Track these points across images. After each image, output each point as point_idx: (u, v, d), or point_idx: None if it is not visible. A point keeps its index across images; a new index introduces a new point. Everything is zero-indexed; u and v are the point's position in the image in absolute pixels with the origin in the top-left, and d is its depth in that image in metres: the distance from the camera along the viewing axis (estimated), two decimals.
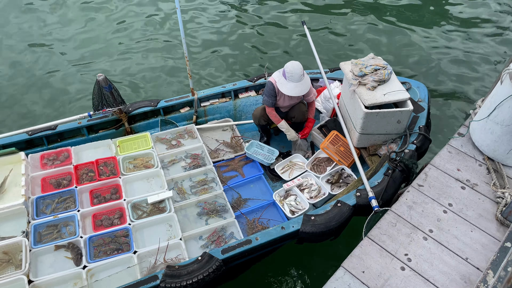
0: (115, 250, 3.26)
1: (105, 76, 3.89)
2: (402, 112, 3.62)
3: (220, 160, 4.25)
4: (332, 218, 3.21)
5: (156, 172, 3.89)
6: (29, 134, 4.08)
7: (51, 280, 3.00)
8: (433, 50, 6.57)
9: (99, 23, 7.28)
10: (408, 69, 6.25)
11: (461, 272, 2.71)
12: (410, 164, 3.46)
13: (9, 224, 3.39)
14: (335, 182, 3.89)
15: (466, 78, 6.07)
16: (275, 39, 6.89)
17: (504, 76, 3.07)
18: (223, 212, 3.67)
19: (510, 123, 3.07)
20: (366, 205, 3.29)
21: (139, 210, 3.60)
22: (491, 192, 3.23)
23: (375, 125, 3.70)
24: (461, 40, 6.76)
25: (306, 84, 3.81)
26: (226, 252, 3.07)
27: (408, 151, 3.61)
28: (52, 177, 3.77)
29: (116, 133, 4.38)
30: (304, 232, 3.18)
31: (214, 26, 7.18)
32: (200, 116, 4.66)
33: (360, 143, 3.90)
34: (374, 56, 3.99)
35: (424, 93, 4.23)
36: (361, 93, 3.67)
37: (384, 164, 3.60)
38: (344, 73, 3.91)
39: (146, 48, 6.76)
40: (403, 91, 3.68)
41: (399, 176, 3.47)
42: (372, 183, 3.44)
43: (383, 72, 3.73)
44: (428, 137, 3.82)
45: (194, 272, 2.93)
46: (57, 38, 6.92)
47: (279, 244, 3.33)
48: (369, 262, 2.76)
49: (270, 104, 4.02)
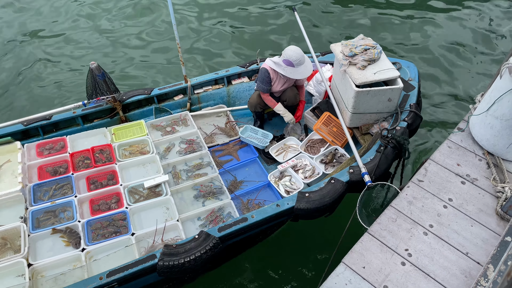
0: (113, 233, 3.30)
1: (98, 64, 3.92)
2: (392, 90, 3.67)
3: (215, 145, 4.29)
4: (326, 194, 3.26)
5: (151, 158, 3.93)
6: (24, 124, 4.10)
7: (51, 263, 3.04)
8: (437, 43, 6.56)
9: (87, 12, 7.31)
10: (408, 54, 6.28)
11: (461, 267, 2.70)
12: (402, 140, 3.51)
13: (7, 211, 3.41)
14: (329, 162, 3.94)
15: (466, 74, 6.07)
16: (265, 26, 6.92)
17: (503, 70, 3.04)
18: (219, 194, 3.71)
19: (509, 118, 3.05)
20: (359, 181, 3.34)
21: (136, 194, 3.64)
22: (491, 186, 3.20)
23: (366, 104, 3.75)
24: (466, 33, 6.76)
25: (309, 66, 3.98)
26: (222, 230, 3.12)
27: (399, 128, 3.66)
28: (49, 165, 3.80)
29: (111, 122, 4.40)
30: (299, 209, 3.23)
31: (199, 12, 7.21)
32: (194, 103, 4.69)
33: (353, 122, 3.95)
34: (364, 37, 4.04)
35: (414, 72, 4.28)
36: (352, 72, 3.72)
37: (376, 141, 3.66)
38: (335, 54, 3.95)
39: (136, 35, 6.80)
40: (393, 70, 3.73)
41: (391, 152, 3.52)
42: (365, 160, 3.49)
43: (373, 52, 3.78)
44: (419, 114, 3.87)
45: (191, 250, 2.98)
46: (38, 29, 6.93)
47: (275, 222, 3.38)
48: (370, 258, 2.75)
49: (266, 90, 4.07)
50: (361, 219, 3.12)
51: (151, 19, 7.15)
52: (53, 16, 7.31)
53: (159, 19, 7.13)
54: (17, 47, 6.67)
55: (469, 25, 6.89)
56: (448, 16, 7.11)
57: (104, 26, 7.04)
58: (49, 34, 6.90)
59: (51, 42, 6.75)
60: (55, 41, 6.76)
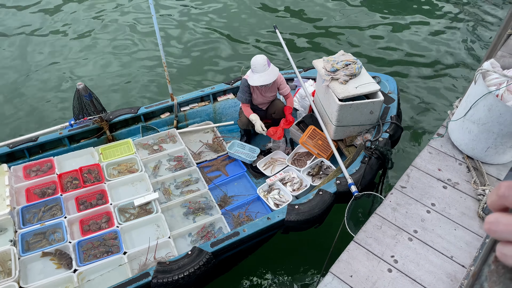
0: (105, 253, 3.30)
1: (85, 85, 3.95)
2: (374, 103, 3.83)
3: (204, 161, 4.34)
4: (315, 205, 3.35)
5: (140, 176, 3.95)
6: (10, 147, 4.07)
7: (42, 285, 3.01)
8: (415, 51, 6.81)
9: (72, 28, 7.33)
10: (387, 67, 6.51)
11: (447, 271, 2.75)
12: (385, 151, 3.65)
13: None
14: (316, 174, 4.04)
15: (446, 80, 6.30)
16: (254, 42, 7.08)
17: (477, 76, 3.16)
18: (208, 209, 3.76)
19: (486, 122, 3.14)
20: (346, 192, 3.45)
21: (127, 213, 3.65)
22: (472, 190, 3.27)
23: (349, 117, 3.89)
24: (440, 41, 7.06)
25: (272, 74, 3.98)
26: (215, 245, 3.16)
27: (382, 139, 3.81)
28: (36, 187, 3.78)
29: (98, 142, 4.41)
30: (289, 221, 3.30)
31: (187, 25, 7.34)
32: (180, 120, 4.75)
33: (337, 135, 4.08)
34: (344, 52, 4.21)
35: (393, 85, 4.47)
36: (334, 87, 3.86)
37: (360, 153, 3.78)
38: (317, 70, 4.10)
39: (125, 53, 6.85)
40: (373, 83, 3.89)
41: (375, 162, 3.65)
42: (351, 171, 3.61)
43: (354, 67, 3.94)
44: (400, 125, 4.03)
45: (185, 266, 3.00)
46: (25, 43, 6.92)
47: (266, 235, 3.44)
48: (357, 266, 2.77)
49: (245, 100, 4.17)
50: (349, 229, 3.20)
51: (134, 37, 7.21)
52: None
53: (144, 38, 7.20)
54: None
55: (452, 34, 7.22)
56: (432, 24, 7.43)
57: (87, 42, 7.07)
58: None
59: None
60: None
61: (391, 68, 6.53)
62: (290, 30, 7.32)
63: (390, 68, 6.51)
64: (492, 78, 3.13)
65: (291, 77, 4.89)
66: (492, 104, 2.99)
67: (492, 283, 0.63)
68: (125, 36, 7.24)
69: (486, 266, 0.66)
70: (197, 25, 7.48)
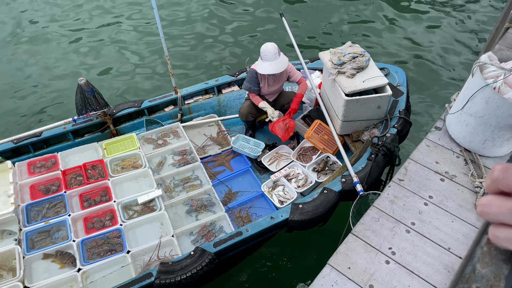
0: (109, 251, 3.31)
1: (87, 80, 3.90)
2: (381, 97, 3.71)
3: (207, 156, 4.30)
4: (319, 205, 3.29)
5: (144, 172, 3.93)
6: (14, 142, 4.07)
7: (47, 285, 3.04)
8: (417, 46, 6.61)
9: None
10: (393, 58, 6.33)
11: (444, 262, 2.76)
12: (392, 147, 3.55)
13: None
14: (321, 170, 3.97)
15: (444, 73, 6.14)
16: (257, 33, 6.93)
17: (475, 68, 3.12)
18: (211, 206, 3.73)
19: (483, 115, 3.12)
20: (351, 190, 3.38)
21: (130, 210, 3.64)
22: (469, 182, 3.27)
23: (356, 112, 3.78)
24: (441, 36, 6.83)
25: (282, 63, 3.89)
26: (218, 245, 3.14)
27: (389, 135, 3.70)
28: (41, 183, 3.78)
29: (102, 136, 4.39)
30: (293, 221, 3.26)
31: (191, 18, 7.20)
32: (184, 113, 4.69)
33: (343, 130, 3.99)
34: (352, 44, 4.07)
35: (403, 77, 4.32)
36: (341, 81, 3.74)
37: (367, 149, 3.69)
38: (324, 62, 3.98)
39: (125, 46, 6.76)
40: (381, 77, 3.76)
41: (382, 160, 3.56)
42: (356, 168, 3.53)
43: (361, 60, 3.81)
44: (409, 120, 3.92)
45: (187, 267, 2.99)
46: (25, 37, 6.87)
47: (270, 234, 3.41)
48: (355, 258, 2.79)
49: (252, 90, 4.09)
50: (354, 227, 3.15)
51: (138, 32, 7.10)
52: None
53: (147, 32, 7.08)
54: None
55: (450, 28, 6.98)
56: (430, 18, 7.18)
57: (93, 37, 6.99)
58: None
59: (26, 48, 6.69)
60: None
61: (389, 59, 6.36)
62: (296, 18, 7.14)
63: (388, 60, 6.35)
64: (489, 71, 3.08)
65: (297, 68, 4.77)
66: (490, 97, 2.96)
67: (484, 264, 0.65)
68: (127, 29, 7.13)
69: (479, 248, 0.67)
70: (200, 16, 7.33)
